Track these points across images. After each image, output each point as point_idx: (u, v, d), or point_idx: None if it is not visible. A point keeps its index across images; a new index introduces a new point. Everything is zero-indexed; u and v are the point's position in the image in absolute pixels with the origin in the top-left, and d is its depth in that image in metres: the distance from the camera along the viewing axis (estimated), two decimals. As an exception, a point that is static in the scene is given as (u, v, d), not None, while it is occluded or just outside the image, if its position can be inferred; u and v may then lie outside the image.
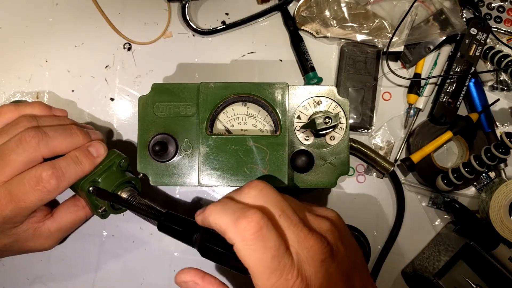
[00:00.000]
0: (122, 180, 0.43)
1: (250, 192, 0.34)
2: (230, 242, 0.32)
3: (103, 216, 0.45)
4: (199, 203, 0.54)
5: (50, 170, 0.40)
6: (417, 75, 0.55)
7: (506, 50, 0.55)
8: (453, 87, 0.54)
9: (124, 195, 0.43)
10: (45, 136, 0.40)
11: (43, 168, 0.40)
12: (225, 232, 0.32)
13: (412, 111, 0.55)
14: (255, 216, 0.31)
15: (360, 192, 0.55)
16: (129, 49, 0.55)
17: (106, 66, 0.55)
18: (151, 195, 0.53)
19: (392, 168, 0.52)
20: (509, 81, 0.56)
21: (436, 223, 0.55)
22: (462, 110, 0.56)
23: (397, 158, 0.55)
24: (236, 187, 0.53)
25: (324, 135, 0.44)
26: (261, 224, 0.31)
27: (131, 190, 0.43)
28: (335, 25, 0.54)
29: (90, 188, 0.42)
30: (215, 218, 0.33)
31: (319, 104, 0.45)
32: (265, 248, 0.30)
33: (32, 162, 0.40)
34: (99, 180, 0.43)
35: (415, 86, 0.55)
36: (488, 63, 0.56)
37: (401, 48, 0.53)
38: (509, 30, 0.57)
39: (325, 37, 0.55)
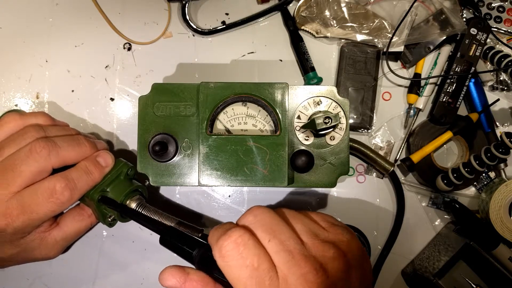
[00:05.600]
0: (131, 188, 0.44)
1: (246, 217, 0.34)
2: (215, 259, 0.31)
3: (111, 224, 0.45)
4: (198, 206, 0.54)
5: (64, 181, 0.40)
6: (417, 75, 0.55)
7: (506, 50, 0.55)
8: (453, 87, 0.54)
9: (133, 203, 0.43)
10: (55, 147, 0.40)
11: (57, 179, 0.40)
12: (213, 249, 0.32)
13: (412, 111, 0.55)
14: (234, 233, 0.31)
15: (360, 192, 0.55)
16: (129, 49, 0.55)
17: (106, 66, 0.55)
18: (151, 196, 0.53)
19: (392, 168, 0.52)
20: (509, 81, 0.56)
21: (436, 223, 0.55)
22: (462, 110, 0.56)
23: (397, 158, 0.55)
24: (236, 187, 0.53)
25: (324, 135, 0.44)
26: (238, 242, 0.30)
27: (139, 198, 0.44)
28: (335, 25, 0.54)
29: (100, 198, 0.42)
30: (210, 237, 0.33)
31: (319, 104, 0.45)
32: (241, 266, 0.30)
33: (42, 172, 0.40)
34: (108, 190, 0.43)
35: (415, 86, 0.55)
36: (488, 63, 0.56)
37: (401, 48, 0.53)
38: (509, 30, 0.57)
39: (325, 37, 0.55)
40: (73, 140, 0.43)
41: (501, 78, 0.56)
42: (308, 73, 0.54)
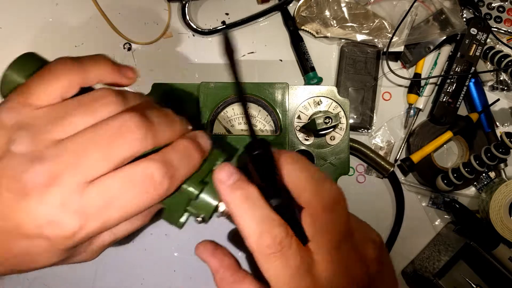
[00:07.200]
0: None
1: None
2: (300, 204, 0.28)
3: (203, 220, 0.33)
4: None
5: (164, 167, 0.27)
6: (417, 75, 0.55)
7: (506, 50, 0.55)
8: (453, 87, 0.54)
9: None
10: (152, 126, 0.28)
11: (156, 166, 0.27)
12: (302, 192, 0.28)
13: (412, 111, 0.55)
14: (335, 188, 0.29)
15: (360, 192, 0.55)
16: (129, 49, 0.55)
17: (106, 66, 0.55)
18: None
19: (392, 169, 0.52)
20: (509, 81, 0.56)
21: (436, 223, 0.55)
22: (462, 110, 0.56)
23: (397, 158, 0.55)
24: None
25: (324, 135, 0.44)
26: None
27: None
28: (335, 25, 0.54)
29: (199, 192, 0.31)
30: (297, 176, 0.28)
31: (319, 104, 0.45)
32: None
33: (129, 160, 0.29)
34: (208, 181, 0.31)
35: (415, 86, 0.55)
36: (488, 63, 0.56)
37: (401, 48, 0.53)
38: (509, 30, 0.57)
39: (325, 37, 0.55)
40: (164, 115, 0.30)
41: (501, 78, 0.56)
42: (308, 73, 0.54)
